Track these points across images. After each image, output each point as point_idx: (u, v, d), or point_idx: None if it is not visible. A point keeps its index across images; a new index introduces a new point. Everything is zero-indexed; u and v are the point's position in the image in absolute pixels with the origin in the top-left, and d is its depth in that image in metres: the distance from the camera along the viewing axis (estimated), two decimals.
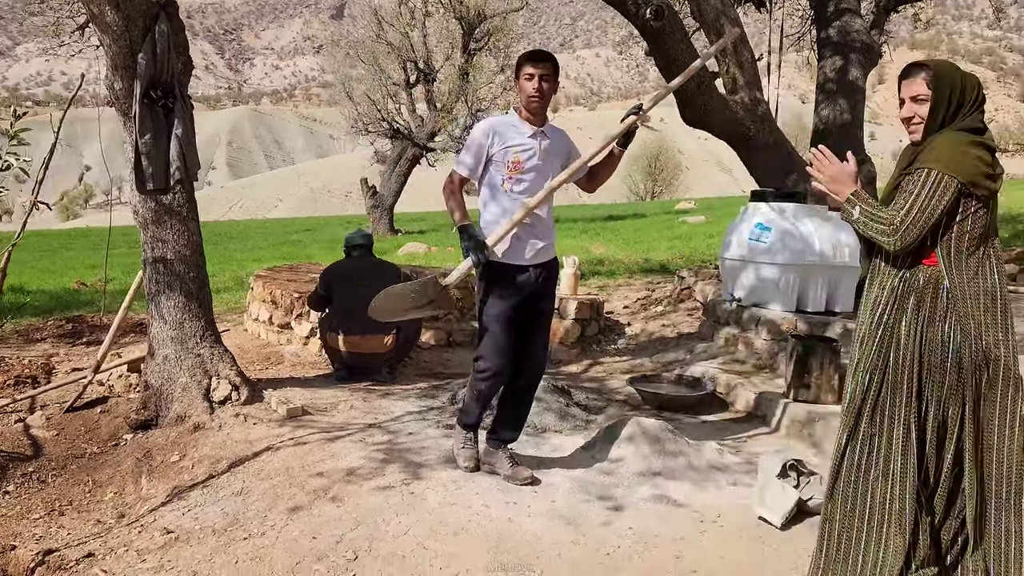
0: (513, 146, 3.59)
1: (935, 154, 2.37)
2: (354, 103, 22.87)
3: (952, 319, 2.41)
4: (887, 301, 2.48)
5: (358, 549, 3.06)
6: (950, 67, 2.49)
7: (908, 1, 9.02)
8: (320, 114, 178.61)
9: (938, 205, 2.34)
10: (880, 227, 2.39)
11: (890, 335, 2.47)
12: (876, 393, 2.50)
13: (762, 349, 5.86)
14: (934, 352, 2.43)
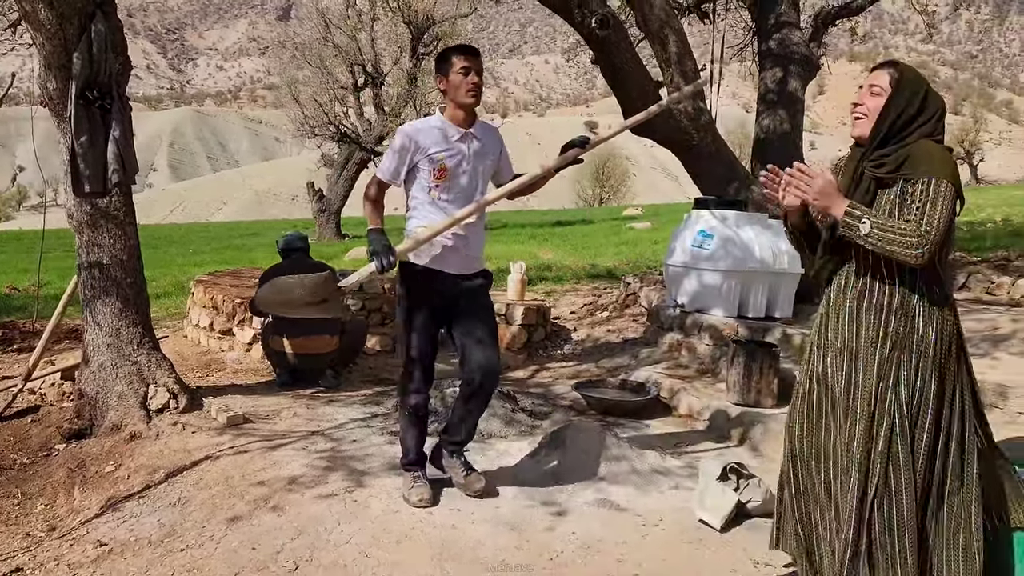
0: (438, 152, 3.38)
1: (936, 165, 2.35)
2: (300, 106, 22.60)
3: (957, 332, 2.46)
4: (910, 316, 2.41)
5: (299, 559, 3.02)
6: (919, 77, 2.51)
7: (845, 15, 9.28)
8: (266, 116, 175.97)
9: (950, 213, 2.32)
10: (905, 239, 2.28)
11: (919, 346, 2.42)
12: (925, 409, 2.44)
13: (705, 354, 5.95)
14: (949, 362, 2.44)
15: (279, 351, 5.50)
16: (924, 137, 2.44)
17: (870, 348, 2.45)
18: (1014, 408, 4.09)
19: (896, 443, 2.40)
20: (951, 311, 2.46)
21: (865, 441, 2.43)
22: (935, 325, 2.41)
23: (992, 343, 5.22)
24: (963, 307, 6.56)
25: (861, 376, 2.46)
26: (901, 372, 2.41)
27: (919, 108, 2.44)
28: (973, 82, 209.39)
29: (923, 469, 2.41)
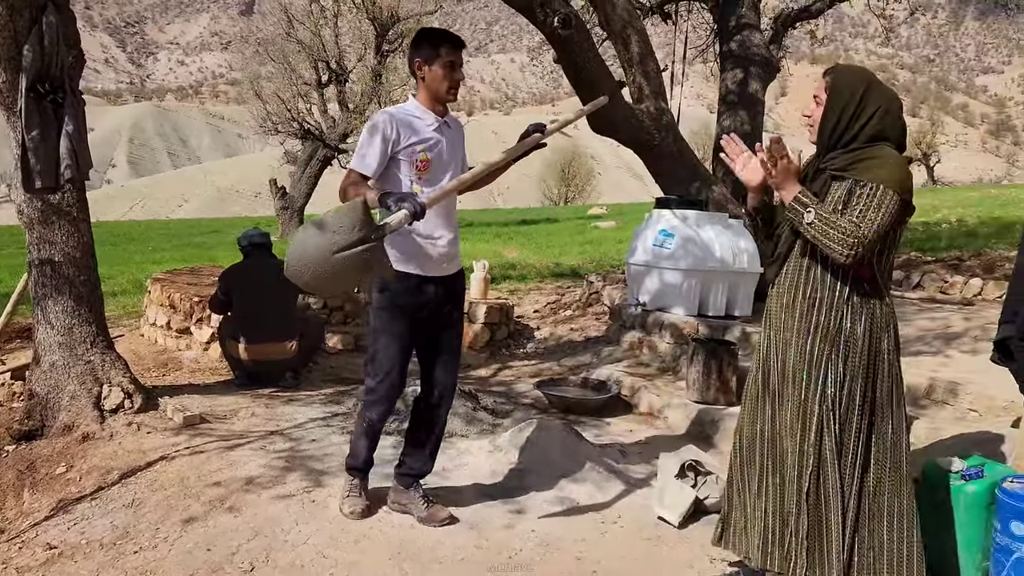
0: (420, 142, 3.10)
1: (885, 171, 2.39)
2: (263, 102, 22.31)
3: (890, 330, 2.52)
4: (841, 312, 2.48)
5: (255, 560, 2.98)
6: (855, 76, 2.52)
7: (804, 18, 9.42)
8: (228, 112, 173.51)
9: (890, 219, 2.37)
10: (839, 235, 2.35)
11: (847, 343, 2.48)
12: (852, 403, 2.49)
13: (665, 352, 6.00)
14: (880, 361, 2.50)
15: (235, 356, 5.44)
16: (876, 134, 2.47)
17: (801, 339, 2.51)
18: (964, 405, 4.18)
19: (825, 436, 2.46)
20: (884, 311, 2.51)
21: (797, 431, 2.49)
22: (864, 323, 2.46)
23: (944, 341, 5.33)
24: (917, 306, 6.70)
25: (792, 366, 2.52)
26: (830, 366, 2.47)
27: (857, 109, 2.46)
28: (930, 85, 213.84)
29: (852, 464, 2.46)
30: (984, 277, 7.46)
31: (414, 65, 3.14)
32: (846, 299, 2.48)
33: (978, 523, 2.88)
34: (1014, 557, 2.74)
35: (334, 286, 2.75)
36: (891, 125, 2.49)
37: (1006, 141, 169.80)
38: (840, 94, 2.49)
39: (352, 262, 2.58)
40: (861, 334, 2.48)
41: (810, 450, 2.47)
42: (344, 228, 2.57)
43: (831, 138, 2.52)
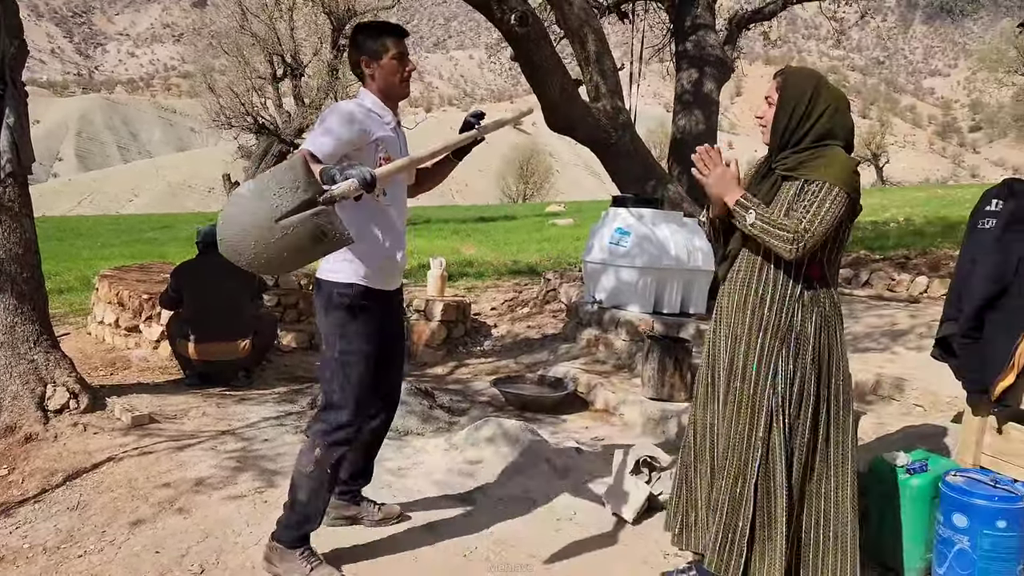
0: (382, 140, 2.81)
1: (833, 169, 2.43)
2: (216, 95, 21.95)
3: (839, 327, 2.55)
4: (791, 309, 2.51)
5: (205, 562, 2.93)
6: (805, 78, 2.57)
7: (758, 20, 9.56)
8: (180, 105, 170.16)
9: (836, 217, 2.41)
10: (782, 234, 2.40)
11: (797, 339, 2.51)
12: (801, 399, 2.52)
13: (621, 349, 6.04)
14: (830, 358, 2.54)
15: (184, 355, 5.35)
16: (825, 133, 2.52)
17: (752, 336, 2.55)
18: (910, 400, 4.28)
19: (775, 431, 2.50)
20: (833, 308, 2.55)
21: (747, 426, 2.53)
22: (814, 320, 2.51)
23: (891, 338, 5.46)
24: (865, 303, 6.84)
25: (743, 361, 2.56)
26: (780, 362, 2.51)
27: (807, 108, 2.51)
28: (880, 87, 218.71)
29: (800, 459, 2.51)
30: (930, 275, 7.66)
31: (360, 65, 2.86)
32: (796, 297, 2.52)
33: (922, 516, 2.96)
34: (956, 549, 2.82)
35: (283, 262, 2.28)
36: (840, 124, 2.54)
37: (952, 142, 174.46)
38: (791, 94, 2.54)
39: (302, 230, 2.18)
40: (811, 331, 2.52)
41: (759, 443, 2.51)
42: (286, 189, 2.17)
43: (783, 137, 2.56)
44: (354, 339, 2.80)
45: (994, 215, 3.06)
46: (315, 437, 2.81)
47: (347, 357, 2.80)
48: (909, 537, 2.98)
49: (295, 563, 2.80)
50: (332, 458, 2.80)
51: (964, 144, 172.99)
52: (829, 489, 2.55)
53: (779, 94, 2.57)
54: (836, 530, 2.54)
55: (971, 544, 2.78)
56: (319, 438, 2.80)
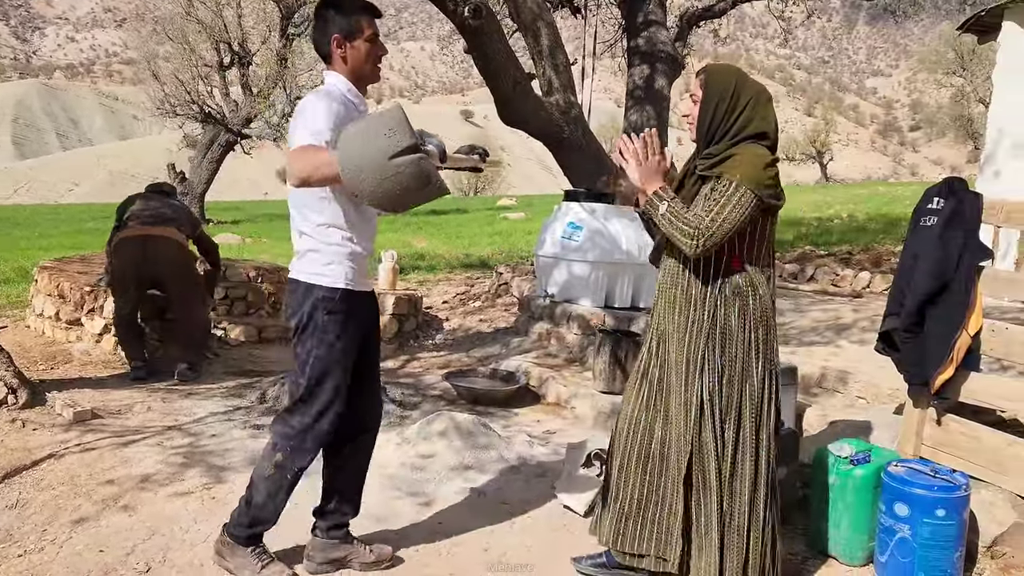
0: None
1: (742, 168, 2.45)
2: (160, 83, 21.46)
3: (765, 323, 2.58)
4: (713, 305, 2.54)
5: (151, 560, 2.87)
6: (726, 73, 2.60)
7: (708, 17, 9.68)
8: (123, 92, 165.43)
9: (741, 215, 2.43)
10: (684, 228, 2.43)
11: (723, 335, 2.54)
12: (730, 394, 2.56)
13: (573, 343, 6.08)
14: (756, 352, 2.56)
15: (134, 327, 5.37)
16: (747, 124, 2.54)
17: (679, 333, 2.59)
18: (854, 392, 4.40)
19: (705, 426, 2.55)
20: (758, 304, 2.57)
21: (681, 421, 2.58)
22: (737, 316, 2.54)
23: (835, 332, 5.59)
24: (811, 298, 6.99)
25: (673, 358, 2.60)
26: (707, 358, 2.54)
27: (731, 103, 2.54)
28: (824, 86, 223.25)
29: (731, 453, 2.56)
30: (872, 271, 7.87)
31: (332, 43, 2.61)
32: (719, 293, 2.55)
33: (865, 505, 3.04)
34: (897, 537, 2.91)
35: (397, 199, 2.31)
36: (761, 116, 2.56)
37: (893, 141, 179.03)
38: (714, 90, 2.57)
39: (414, 169, 2.23)
40: (735, 327, 2.54)
41: (692, 438, 2.54)
42: (394, 131, 2.21)
43: (708, 133, 2.58)
44: (332, 343, 2.63)
45: (936, 213, 3.15)
46: (277, 439, 2.69)
47: (321, 362, 2.63)
48: (852, 526, 3.06)
49: (246, 559, 2.73)
50: (294, 465, 2.69)
51: (904, 143, 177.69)
52: (757, 482, 2.59)
53: (703, 91, 2.60)
54: (761, 522, 2.58)
55: (912, 532, 2.86)
56: (281, 441, 2.68)
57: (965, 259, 3.07)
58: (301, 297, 2.64)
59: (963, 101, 30.91)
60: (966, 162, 59.44)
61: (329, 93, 2.57)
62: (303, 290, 2.64)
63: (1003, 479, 3.06)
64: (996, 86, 7.17)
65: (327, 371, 2.64)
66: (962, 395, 3.18)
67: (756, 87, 2.60)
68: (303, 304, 2.63)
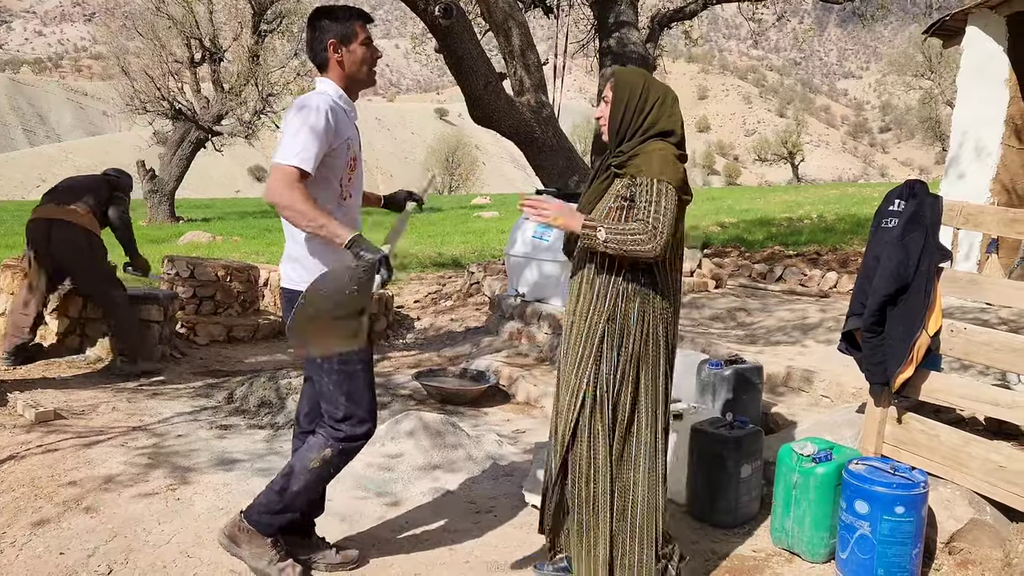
0: (351, 138, 2.70)
1: (657, 166, 2.51)
2: (130, 79, 21.15)
3: (666, 321, 2.63)
4: (617, 299, 2.60)
5: (113, 562, 2.84)
6: (634, 75, 2.70)
7: (679, 19, 9.73)
8: (92, 88, 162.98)
9: (674, 208, 2.50)
10: (637, 238, 2.47)
11: (622, 330, 2.60)
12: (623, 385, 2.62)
13: (543, 342, 6.10)
14: (654, 348, 2.62)
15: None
16: (655, 122, 2.61)
17: (581, 322, 2.65)
18: (818, 391, 4.46)
19: (596, 417, 2.61)
20: (661, 302, 2.62)
21: (569, 410, 2.64)
22: (637, 312, 2.59)
23: (802, 331, 5.66)
24: (778, 297, 7.07)
25: (572, 346, 2.67)
26: (604, 349, 2.60)
27: (639, 102, 2.61)
28: (796, 87, 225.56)
29: (618, 448, 2.62)
30: (839, 271, 7.96)
31: (328, 48, 2.66)
32: (621, 289, 2.60)
33: (827, 503, 3.08)
34: (857, 534, 2.95)
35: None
36: (668, 114, 2.63)
37: (863, 142, 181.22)
38: (623, 90, 2.65)
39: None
40: (634, 322, 2.59)
41: (584, 424, 2.62)
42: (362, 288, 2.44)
43: (620, 132, 2.65)
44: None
45: (896, 215, 3.21)
46: (328, 438, 2.70)
47: (349, 366, 2.66)
48: (814, 523, 3.10)
49: (264, 550, 2.71)
50: (339, 465, 2.74)
51: (875, 144, 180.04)
52: (639, 479, 2.63)
53: (612, 92, 2.68)
54: (643, 512, 2.64)
55: (872, 529, 2.91)
56: (333, 441, 2.69)
57: (925, 260, 3.12)
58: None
59: (931, 103, 31.42)
60: (935, 163, 60.33)
61: (324, 104, 2.56)
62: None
63: (961, 476, 3.12)
64: (960, 90, 7.29)
65: (355, 373, 2.67)
66: (922, 394, 3.23)
67: (662, 88, 2.69)
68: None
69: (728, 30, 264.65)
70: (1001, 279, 3.80)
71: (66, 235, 5.15)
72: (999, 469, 3.01)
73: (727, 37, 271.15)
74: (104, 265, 5.42)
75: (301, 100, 2.59)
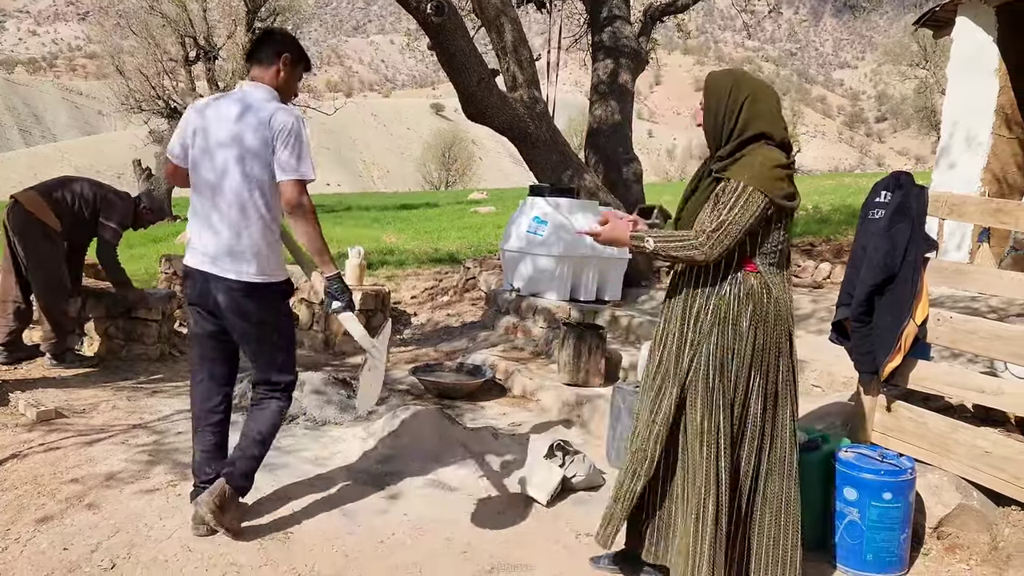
0: None
1: (749, 170, 2.48)
2: (125, 78, 21.18)
3: (780, 324, 2.60)
4: (727, 304, 2.56)
5: (116, 557, 2.89)
6: (724, 77, 2.64)
7: (672, 12, 9.76)
8: (87, 87, 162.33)
9: (749, 216, 2.45)
10: (683, 243, 2.48)
11: (733, 334, 2.56)
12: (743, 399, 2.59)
13: (539, 336, 6.15)
14: (769, 352, 2.59)
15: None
16: (749, 124, 2.55)
17: (689, 333, 2.62)
18: (810, 381, 4.51)
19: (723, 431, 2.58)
20: (772, 304, 2.57)
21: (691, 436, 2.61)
22: (750, 320, 2.55)
23: (795, 321, 5.70)
24: None
25: (679, 357, 2.65)
26: (717, 358, 2.56)
27: (728, 104, 2.58)
28: (792, 78, 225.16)
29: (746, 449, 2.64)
30: (833, 262, 8.01)
31: (282, 59, 3.05)
32: (733, 292, 2.57)
33: (817, 489, 3.14)
34: (847, 520, 3.01)
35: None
36: (757, 113, 2.55)
37: (859, 132, 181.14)
38: (712, 94, 2.63)
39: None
40: (746, 330, 2.55)
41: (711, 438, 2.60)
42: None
43: (715, 137, 2.63)
44: (288, 317, 3.25)
45: (883, 206, 3.26)
46: (282, 397, 3.19)
47: (291, 332, 3.24)
48: (805, 511, 3.15)
49: (238, 509, 3.11)
50: (282, 410, 3.22)
51: (871, 134, 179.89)
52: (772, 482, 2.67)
53: (704, 98, 2.67)
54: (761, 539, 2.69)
55: (861, 515, 2.97)
56: (285, 399, 3.20)
57: (911, 250, 3.17)
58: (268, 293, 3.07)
59: (926, 93, 31.40)
60: (930, 152, 60.45)
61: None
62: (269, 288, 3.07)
63: (949, 463, 3.18)
64: (951, 80, 7.34)
65: (290, 336, 3.24)
66: (910, 383, 3.29)
67: (752, 86, 2.61)
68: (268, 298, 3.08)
69: (724, 21, 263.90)
70: (986, 268, 3.85)
71: (16, 217, 5.14)
72: (985, 455, 3.07)
73: (722, 28, 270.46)
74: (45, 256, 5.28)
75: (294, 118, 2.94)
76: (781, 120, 2.61)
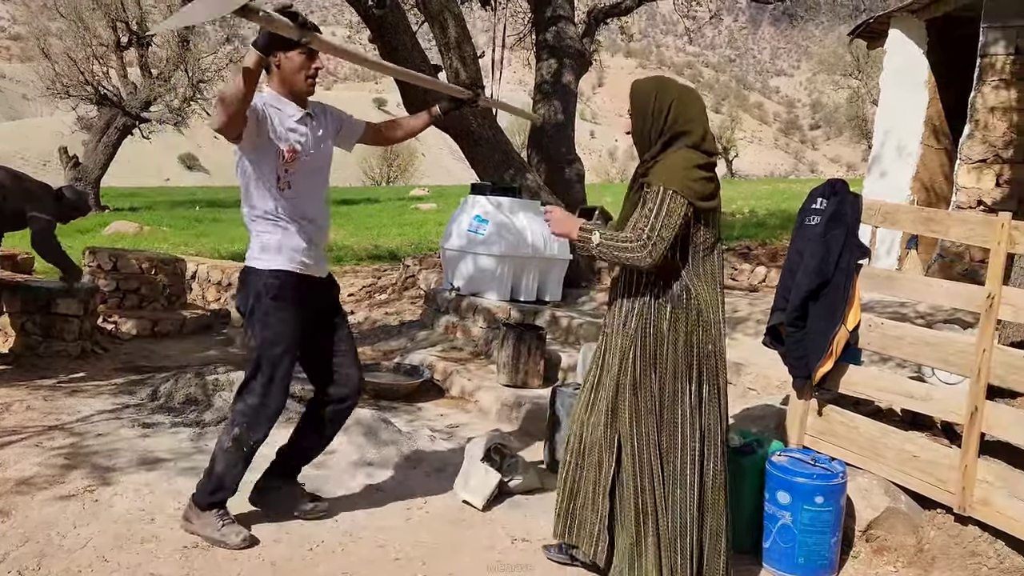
0: (287, 132, 2.89)
1: (667, 172, 2.50)
2: (52, 61, 20.32)
3: (704, 327, 2.60)
4: (646, 309, 2.59)
5: (24, 568, 2.73)
6: (647, 84, 2.66)
7: (615, 15, 9.81)
8: (10, 71, 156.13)
9: (676, 219, 2.46)
10: (628, 245, 2.47)
11: (655, 338, 2.58)
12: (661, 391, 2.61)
13: (479, 336, 6.09)
14: (694, 354, 2.59)
15: None
16: (672, 124, 2.57)
17: (617, 337, 2.67)
18: (746, 383, 4.56)
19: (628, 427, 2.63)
20: (698, 308, 2.58)
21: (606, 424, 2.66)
22: (670, 324, 2.58)
23: (731, 325, 5.77)
24: None
25: (609, 360, 2.69)
26: (637, 363, 2.60)
27: (653, 109, 2.60)
28: (731, 84, 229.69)
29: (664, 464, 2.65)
30: (768, 265, 8.15)
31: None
32: (654, 299, 2.59)
33: (751, 493, 3.15)
34: (779, 524, 3.03)
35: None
36: (682, 118, 2.58)
37: (794, 139, 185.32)
38: (639, 100, 2.65)
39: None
40: (666, 333, 2.57)
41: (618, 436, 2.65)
42: None
43: (641, 143, 2.65)
44: (275, 326, 2.94)
45: (819, 213, 3.29)
46: (235, 416, 2.99)
47: (268, 344, 2.93)
48: (738, 514, 3.16)
49: (209, 519, 2.98)
50: (250, 439, 2.99)
51: (805, 141, 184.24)
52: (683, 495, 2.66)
53: (631, 105, 2.68)
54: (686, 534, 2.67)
55: (793, 519, 2.99)
56: (239, 417, 2.98)
57: (845, 257, 3.21)
58: (249, 283, 2.96)
59: (858, 102, 32.31)
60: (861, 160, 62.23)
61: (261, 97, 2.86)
62: (251, 276, 2.96)
63: (878, 466, 3.23)
64: (883, 90, 7.52)
65: (269, 350, 2.93)
66: (841, 387, 3.33)
67: (673, 92, 2.63)
68: (249, 289, 2.96)
69: (666, 26, 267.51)
70: (915, 276, 3.94)
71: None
72: (913, 459, 3.12)
73: (664, 33, 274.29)
74: None
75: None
76: (704, 123, 2.64)
